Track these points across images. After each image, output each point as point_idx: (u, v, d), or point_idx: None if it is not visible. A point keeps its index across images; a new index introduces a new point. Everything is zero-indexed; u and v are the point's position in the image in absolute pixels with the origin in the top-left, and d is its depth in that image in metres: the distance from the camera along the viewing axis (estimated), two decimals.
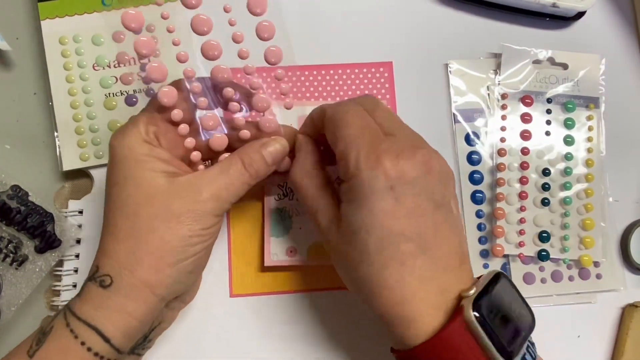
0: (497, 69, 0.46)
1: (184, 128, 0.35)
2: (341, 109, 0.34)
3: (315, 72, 0.46)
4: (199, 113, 0.36)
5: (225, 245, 0.43)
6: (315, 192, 0.36)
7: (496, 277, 0.32)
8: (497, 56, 0.47)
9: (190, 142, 0.35)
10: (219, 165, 0.35)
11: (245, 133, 0.36)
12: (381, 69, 0.46)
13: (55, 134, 0.43)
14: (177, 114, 0.34)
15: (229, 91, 0.35)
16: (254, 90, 0.36)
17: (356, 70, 0.46)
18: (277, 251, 0.42)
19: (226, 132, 0.37)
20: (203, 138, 0.37)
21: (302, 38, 0.46)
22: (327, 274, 0.43)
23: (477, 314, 0.29)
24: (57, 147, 0.43)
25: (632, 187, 0.47)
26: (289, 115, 0.44)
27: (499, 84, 0.46)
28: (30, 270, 0.40)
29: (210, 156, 0.38)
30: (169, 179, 0.33)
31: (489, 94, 0.46)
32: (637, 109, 0.48)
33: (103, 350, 0.31)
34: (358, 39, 0.47)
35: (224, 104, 0.36)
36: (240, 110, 0.36)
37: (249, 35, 0.34)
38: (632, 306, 0.44)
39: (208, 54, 0.33)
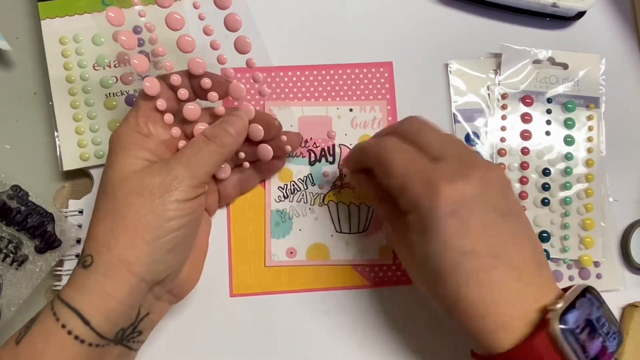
0: (497, 69, 0.46)
1: (168, 118, 0.37)
2: (382, 150, 0.35)
3: (315, 72, 0.46)
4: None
5: (225, 245, 0.43)
6: (390, 213, 0.37)
7: (584, 292, 0.32)
8: (497, 56, 0.47)
9: (176, 131, 0.37)
10: (187, 143, 0.37)
11: (220, 110, 0.38)
12: (381, 69, 0.46)
13: (55, 134, 0.43)
14: (161, 104, 0.36)
15: (206, 82, 0.37)
16: (229, 80, 0.38)
17: (356, 70, 0.46)
18: (277, 252, 0.43)
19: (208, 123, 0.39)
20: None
21: (302, 38, 0.46)
22: (327, 274, 0.43)
23: (563, 327, 0.29)
24: (57, 147, 0.43)
25: (632, 187, 0.47)
26: (289, 115, 0.44)
27: (499, 83, 0.46)
28: (31, 271, 0.40)
29: None
30: (147, 163, 0.35)
31: (489, 94, 0.46)
32: (637, 109, 0.48)
33: (84, 334, 0.31)
34: (358, 38, 0.47)
35: (203, 94, 0.38)
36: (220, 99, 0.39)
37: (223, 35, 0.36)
38: (632, 306, 0.44)
39: (183, 49, 0.36)
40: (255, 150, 0.40)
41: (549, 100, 0.46)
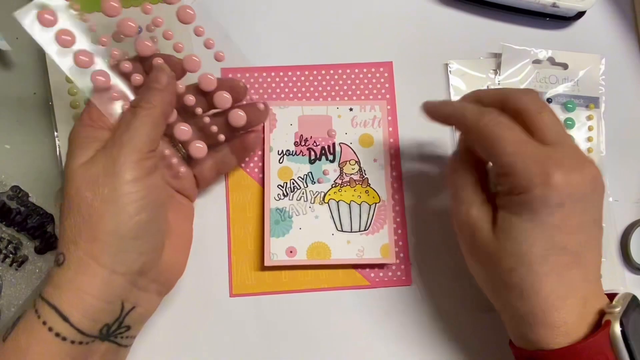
0: (497, 69, 0.46)
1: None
2: (491, 123, 0.33)
3: (315, 72, 0.46)
4: None
5: (225, 245, 0.43)
6: (474, 185, 0.36)
7: (633, 300, 0.33)
8: (497, 56, 0.47)
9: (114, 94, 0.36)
10: (118, 123, 0.35)
11: (137, 79, 0.37)
12: (381, 69, 0.46)
13: (55, 134, 0.43)
14: (117, 94, 0.36)
15: (158, 61, 0.37)
16: (178, 54, 0.38)
17: (356, 70, 0.46)
18: (276, 251, 0.42)
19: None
20: None
21: (302, 38, 0.46)
22: (327, 274, 0.43)
23: (622, 330, 0.30)
24: (57, 147, 0.43)
25: (632, 187, 0.47)
26: (289, 115, 0.44)
27: (499, 83, 0.46)
28: (30, 271, 0.40)
29: None
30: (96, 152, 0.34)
31: None
32: (637, 109, 0.48)
33: (64, 331, 0.31)
34: (358, 38, 0.47)
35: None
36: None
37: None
38: None
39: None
40: (226, 121, 0.39)
41: (549, 100, 0.46)
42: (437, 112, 0.38)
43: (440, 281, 0.43)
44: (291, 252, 0.42)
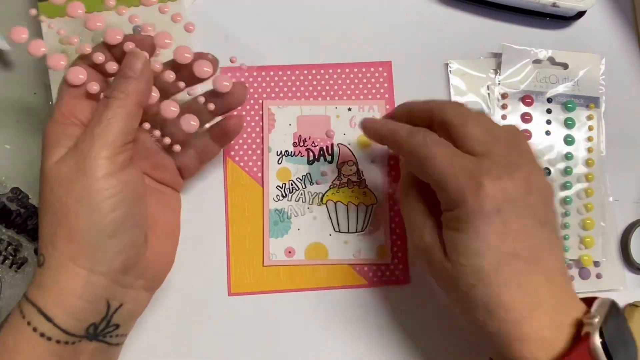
0: (497, 69, 0.46)
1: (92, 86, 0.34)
2: (419, 142, 0.33)
3: (314, 71, 0.45)
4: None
5: (224, 244, 0.43)
6: (424, 209, 0.35)
7: (613, 305, 0.32)
8: (497, 56, 0.47)
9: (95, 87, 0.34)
10: (93, 115, 0.33)
11: (112, 67, 0.35)
12: (380, 69, 0.46)
13: None
14: (95, 87, 0.34)
15: (129, 46, 0.35)
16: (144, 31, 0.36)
17: (355, 70, 0.46)
18: (275, 251, 0.43)
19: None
20: None
21: (300, 37, 0.46)
22: (326, 274, 0.43)
23: (602, 342, 0.29)
24: None
25: (632, 187, 0.47)
26: (288, 115, 0.44)
27: (499, 83, 0.46)
28: (30, 273, 0.40)
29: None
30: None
31: (489, 94, 0.46)
32: (637, 109, 0.48)
33: (49, 331, 0.31)
34: (357, 38, 0.47)
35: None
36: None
37: None
38: (632, 306, 0.44)
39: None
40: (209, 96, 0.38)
41: (549, 100, 0.46)
42: (373, 130, 0.38)
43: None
44: (290, 252, 0.43)
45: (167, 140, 0.38)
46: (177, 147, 0.38)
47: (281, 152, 0.44)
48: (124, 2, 0.43)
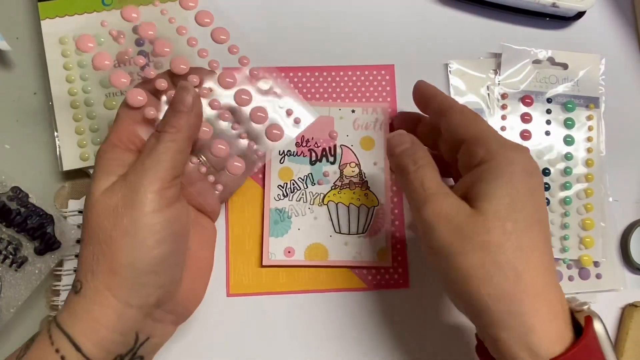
0: (497, 69, 0.46)
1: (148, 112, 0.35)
2: (465, 107, 0.36)
3: (317, 74, 0.45)
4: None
5: (223, 244, 0.43)
6: (439, 179, 0.34)
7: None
8: (497, 56, 0.47)
9: (149, 112, 0.35)
10: (144, 149, 0.33)
11: (162, 84, 0.35)
12: (383, 72, 0.46)
13: (55, 134, 0.43)
14: (153, 112, 0.35)
15: (193, 80, 0.36)
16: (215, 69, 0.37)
17: (358, 73, 0.46)
18: (275, 251, 0.42)
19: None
20: None
21: (303, 40, 0.46)
22: (325, 276, 0.43)
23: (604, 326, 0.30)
24: (57, 147, 0.43)
25: (632, 187, 0.47)
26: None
27: (499, 83, 0.46)
28: (30, 272, 0.40)
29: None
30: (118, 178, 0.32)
31: (489, 94, 0.46)
32: (637, 110, 0.48)
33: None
34: (359, 39, 0.47)
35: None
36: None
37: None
38: (632, 306, 0.44)
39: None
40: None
41: (549, 100, 0.46)
42: (425, 92, 0.39)
43: (440, 284, 0.43)
44: (289, 252, 0.43)
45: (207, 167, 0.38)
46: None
47: (283, 151, 0.44)
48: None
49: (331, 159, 0.44)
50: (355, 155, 0.44)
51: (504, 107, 0.46)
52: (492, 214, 0.31)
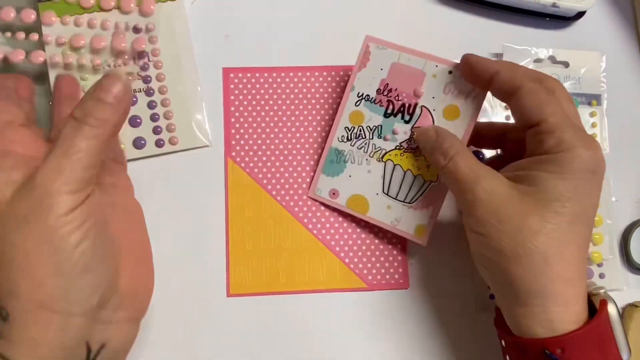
0: None
1: None
2: (536, 87, 0.33)
3: (317, 73, 0.45)
4: None
5: (223, 245, 0.43)
6: (475, 162, 0.34)
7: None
8: (498, 56, 0.47)
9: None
10: (56, 139, 0.29)
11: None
12: None
13: None
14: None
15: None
16: None
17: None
18: (322, 187, 0.43)
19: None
20: None
21: (303, 39, 0.46)
22: (325, 275, 0.43)
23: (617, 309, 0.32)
24: None
25: (633, 186, 0.47)
26: (384, 58, 0.42)
27: None
28: None
29: None
30: (19, 185, 0.28)
31: None
32: (636, 110, 0.48)
33: None
34: (358, 39, 0.47)
35: None
36: None
37: None
38: (632, 306, 0.44)
39: None
40: None
41: None
42: (477, 66, 0.36)
43: (439, 285, 0.43)
44: (334, 194, 0.42)
45: None
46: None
47: (362, 94, 0.42)
48: None
49: (407, 117, 0.41)
50: (433, 121, 0.40)
51: (507, 107, 0.46)
52: (536, 201, 0.31)
